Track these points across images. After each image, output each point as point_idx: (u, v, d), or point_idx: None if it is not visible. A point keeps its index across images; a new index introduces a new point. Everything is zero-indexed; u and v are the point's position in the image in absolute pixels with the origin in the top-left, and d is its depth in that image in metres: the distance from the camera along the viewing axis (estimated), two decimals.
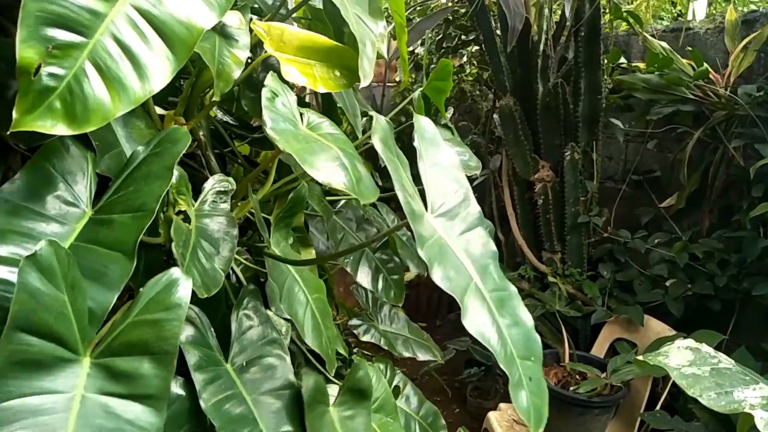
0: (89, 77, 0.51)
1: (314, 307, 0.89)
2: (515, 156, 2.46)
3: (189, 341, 0.72)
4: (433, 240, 0.65)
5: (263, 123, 0.69)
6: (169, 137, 0.71)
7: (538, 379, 0.66)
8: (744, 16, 2.08)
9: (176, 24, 0.55)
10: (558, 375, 2.14)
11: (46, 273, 0.48)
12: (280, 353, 0.82)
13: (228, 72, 0.76)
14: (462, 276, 0.65)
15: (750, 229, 1.94)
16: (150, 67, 0.54)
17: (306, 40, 0.87)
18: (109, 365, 0.51)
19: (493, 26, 2.43)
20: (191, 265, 0.63)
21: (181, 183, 0.79)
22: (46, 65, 0.49)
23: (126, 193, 0.62)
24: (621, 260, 2.32)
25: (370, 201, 0.70)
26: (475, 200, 0.76)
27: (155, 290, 0.54)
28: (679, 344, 1.16)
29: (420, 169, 0.72)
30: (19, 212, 0.56)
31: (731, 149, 2.00)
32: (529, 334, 0.69)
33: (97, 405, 0.49)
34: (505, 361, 0.63)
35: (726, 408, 0.94)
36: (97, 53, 0.52)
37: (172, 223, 0.65)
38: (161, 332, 0.52)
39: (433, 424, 1.30)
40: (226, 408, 0.69)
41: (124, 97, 0.53)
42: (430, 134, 0.77)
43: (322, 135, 0.77)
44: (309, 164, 0.64)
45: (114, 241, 0.56)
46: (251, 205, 0.94)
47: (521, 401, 0.63)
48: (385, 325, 1.43)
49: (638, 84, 2.19)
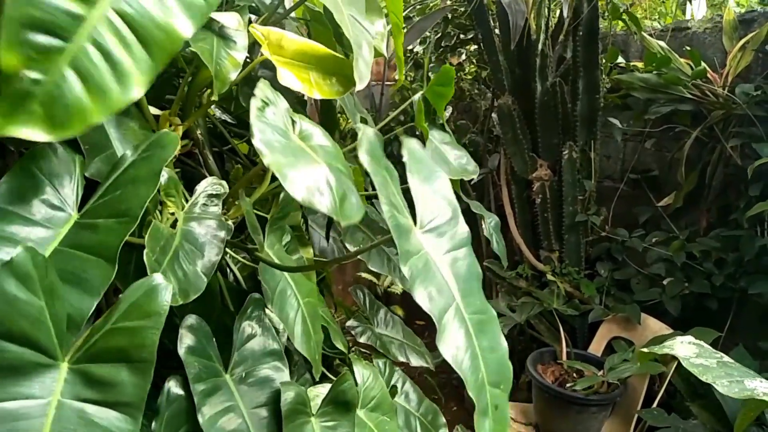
0: (70, 82, 0.51)
1: (305, 312, 0.89)
2: (513, 155, 2.46)
3: (189, 351, 0.72)
4: (419, 256, 0.64)
5: (251, 135, 0.68)
6: (158, 142, 0.71)
7: (503, 407, 0.65)
8: (742, 16, 2.08)
9: (156, 30, 0.55)
10: (555, 373, 2.15)
11: (22, 279, 0.49)
12: (278, 365, 0.83)
13: (225, 73, 0.76)
14: (444, 296, 0.64)
15: (747, 228, 1.94)
16: (131, 73, 0.53)
17: (304, 47, 0.87)
18: (87, 371, 0.51)
19: (492, 25, 2.42)
20: (168, 270, 0.63)
21: (170, 185, 0.79)
22: (27, 69, 0.49)
23: (112, 197, 0.62)
24: (619, 259, 2.32)
25: (354, 222, 0.68)
26: (464, 221, 0.74)
27: (135, 295, 0.55)
28: (682, 339, 1.17)
29: (410, 184, 0.70)
30: (4, 216, 0.57)
31: (729, 148, 2.00)
32: (502, 361, 0.68)
33: (73, 411, 0.49)
34: (475, 389, 0.62)
35: (740, 394, 0.96)
36: (77, 58, 0.51)
37: (150, 228, 0.65)
38: (139, 340, 0.52)
39: (433, 422, 1.31)
40: (221, 423, 0.70)
41: (105, 103, 0.52)
42: (419, 155, 0.75)
43: (312, 147, 0.75)
44: (290, 182, 0.62)
45: (97, 245, 0.57)
46: (245, 208, 0.94)
47: (484, 429, 0.62)
48: (381, 329, 1.44)
49: (636, 83, 2.19)
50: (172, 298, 0.56)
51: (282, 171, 0.61)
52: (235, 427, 0.71)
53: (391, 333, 1.46)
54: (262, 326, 0.85)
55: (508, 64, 2.43)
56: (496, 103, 2.56)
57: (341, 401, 0.85)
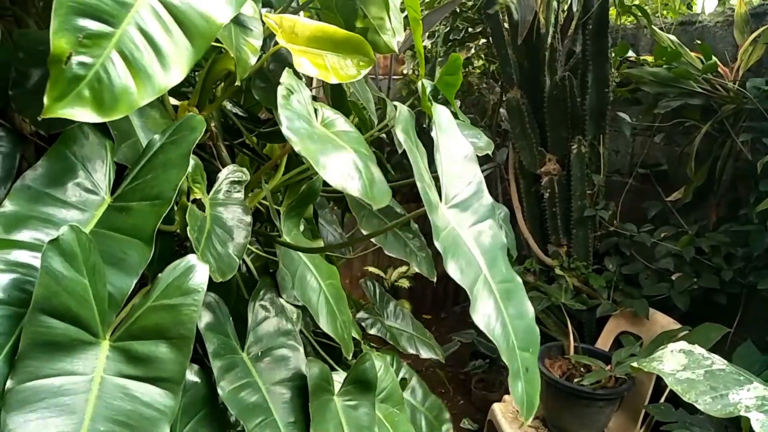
0: (116, 66, 0.52)
1: (327, 293, 0.90)
2: (522, 149, 2.46)
3: (208, 327, 0.73)
4: (447, 231, 0.66)
5: (279, 122, 0.69)
6: (186, 125, 0.71)
7: (534, 370, 0.69)
8: (754, 9, 2.07)
9: (196, 16, 0.56)
10: (563, 367, 2.15)
11: (68, 257, 0.49)
12: (294, 344, 0.84)
13: (245, 59, 0.77)
14: (472, 268, 0.67)
15: (757, 223, 1.94)
16: (172, 58, 0.55)
17: (317, 31, 0.87)
18: (128, 348, 0.52)
19: (501, 19, 2.42)
20: (206, 250, 0.64)
21: (197, 172, 0.79)
22: (77, 54, 0.50)
23: (144, 180, 0.63)
24: (627, 254, 2.32)
25: (383, 205, 0.70)
26: (488, 191, 0.77)
27: (173, 275, 0.55)
28: (672, 348, 1.17)
29: (436, 160, 0.72)
30: (41, 198, 0.57)
31: (739, 143, 2.00)
32: (530, 326, 0.72)
33: (116, 387, 0.50)
34: (507, 353, 0.66)
35: (722, 412, 0.95)
36: (123, 43, 0.53)
37: (188, 209, 0.66)
38: (178, 317, 0.53)
39: (438, 417, 1.32)
40: (242, 396, 0.71)
41: (149, 86, 0.54)
42: (447, 124, 0.78)
43: (336, 133, 0.77)
44: (322, 167, 0.65)
45: (132, 227, 0.58)
46: (262, 195, 0.95)
47: (517, 391, 0.66)
48: (390, 321, 1.45)
49: (646, 77, 2.19)
50: (213, 276, 0.57)
51: (315, 157, 0.63)
52: (253, 400, 0.72)
53: (401, 325, 1.47)
54: (275, 308, 0.86)
55: (516, 57, 2.42)
56: (504, 98, 2.56)
57: (362, 380, 0.86)
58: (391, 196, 0.71)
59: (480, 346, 2.59)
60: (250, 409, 0.70)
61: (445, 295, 3.53)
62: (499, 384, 2.62)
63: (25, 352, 0.48)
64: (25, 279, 0.53)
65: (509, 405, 2.16)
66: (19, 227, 0.55)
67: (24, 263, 0.54)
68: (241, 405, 0.69)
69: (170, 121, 0.85)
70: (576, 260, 2.36)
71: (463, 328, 2.67)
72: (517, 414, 2.13)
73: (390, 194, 0.72)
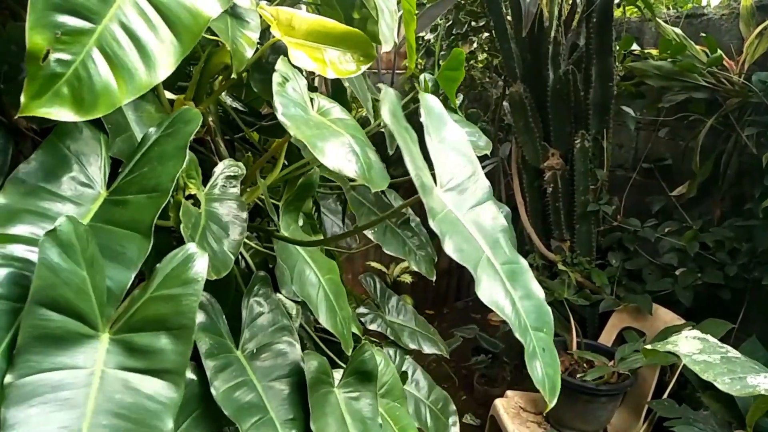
0: (97, 64, 0.51)
1: (327, 288, 0.89)
2: (525, 144, 2.45)
3: (200, 328, 0.72)
4: (444, 213, 0.65)
5: (274, 109, 0.69)
6: (181, 118, 0.70)
7: (551, 350, 0.67)
8: (760, 2, 2.05)
9: (183, 11, 0.55)
10: (565, 363, 2.14)
11: (66, 248, 0.48)
12: (290, 339, 0.82)
13: (242, 52, 0.76)
14: (473, 246, 0.66)
15: (762, 218, 1.92)
16: (157, 55, 0.54)
17: (316, 25, 0.86)
18: (128, 341, 0.51)
19: (504, 12, 2.40)
20: (200, 246, 0.63)
21: (191, 167, 0.79)
22: (55, 51, 0.49)
23: (140, 173, 0.62)
24: (630, 249, 2.30)
25: (381, 188, 0.69)
26: (484, 175, 0.75)
27: (172, 265, 0.55)
28: (686, 334, 1.16)
29: (428, 145, 0.71)
30: (36, 192, 0.57)
31: (744, 137, 1.98)
32: (540, 307, 0.70)
33: (117, 380, 0.49)
34: (520, 331, 0.64)
35: (742, 391, 0.95)
36: (104, 40, 0.52)
37: (181, 206, 0.65)
38: (179, 307, 0.53)
39: (444, 410, 1.31)
40: (236, 395, 0.70)
41: (131, 84, 0.53)
42: (437, 111, 0.77)
43: (333, 121, 0.77)
44: (320, 151, 0.64)
45: (130, 220, 0.57)
46: (260, 190, 0.94)
47: (536, 371, 0.64)
48: (392, 316, 1.43)
49: (650, 71, 2.17)
50: (206, 274, 0.56)
51: (311, 141, 0.63)
52: (248, 399, 0.70)
53: (403, 321, 1.45)
54: (270, 303, 0.85)
55: (520, 51, 2.41)
56: (507, 92, 2.54)
57: (362, 371, 0.85)
58: (389, 182, 0.71)
59: (482, 341, 2.59)
60: (245, 409, 0.69)
61: (448, 290, 3.52)
62: (501, 379, 2.62)
63: (24, 346, 0.48)
64: (21, 273, 0.52)
65: (511, 400, 2.15)
66: (14, 221, 0.55)
67: (20, 257, 0.53)
68: (236, 405, 0.67)
69: (165, 115, 0.84)
70: (579, 255, 2.34)
71: (465, 324, 2.67)
72: (520, 410, 2.13)
73: (388, 179, 0.71)
